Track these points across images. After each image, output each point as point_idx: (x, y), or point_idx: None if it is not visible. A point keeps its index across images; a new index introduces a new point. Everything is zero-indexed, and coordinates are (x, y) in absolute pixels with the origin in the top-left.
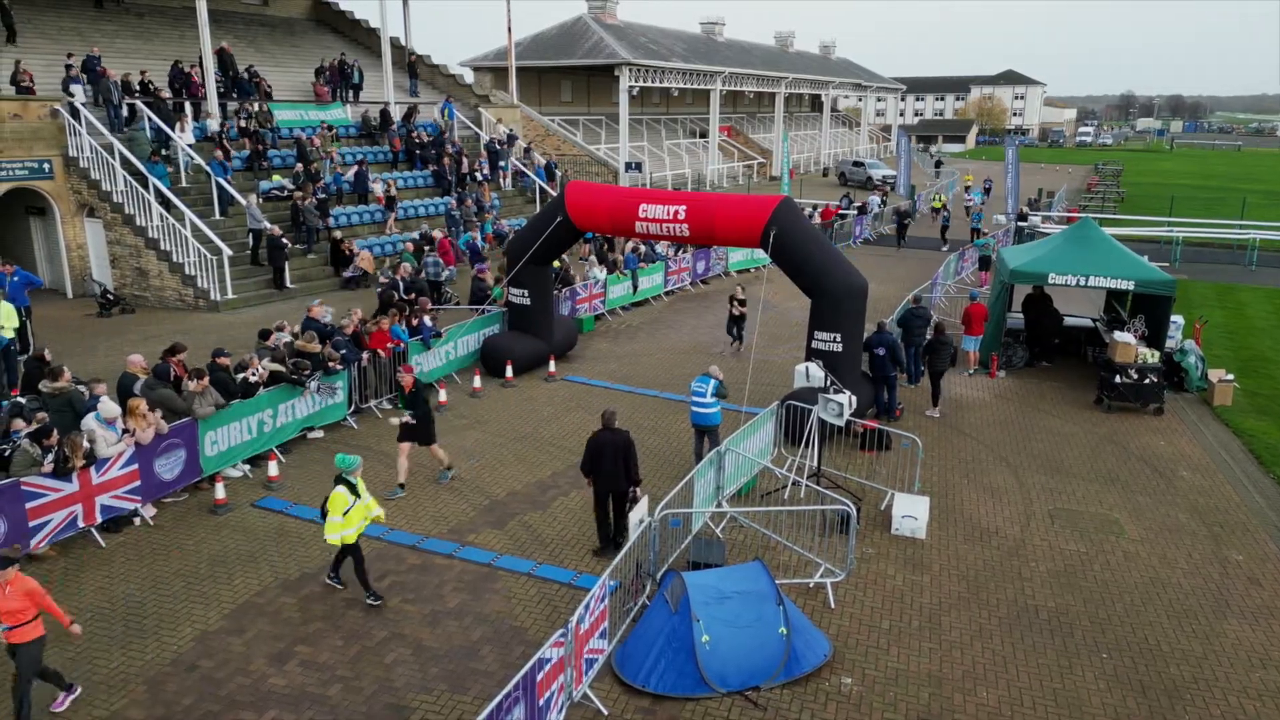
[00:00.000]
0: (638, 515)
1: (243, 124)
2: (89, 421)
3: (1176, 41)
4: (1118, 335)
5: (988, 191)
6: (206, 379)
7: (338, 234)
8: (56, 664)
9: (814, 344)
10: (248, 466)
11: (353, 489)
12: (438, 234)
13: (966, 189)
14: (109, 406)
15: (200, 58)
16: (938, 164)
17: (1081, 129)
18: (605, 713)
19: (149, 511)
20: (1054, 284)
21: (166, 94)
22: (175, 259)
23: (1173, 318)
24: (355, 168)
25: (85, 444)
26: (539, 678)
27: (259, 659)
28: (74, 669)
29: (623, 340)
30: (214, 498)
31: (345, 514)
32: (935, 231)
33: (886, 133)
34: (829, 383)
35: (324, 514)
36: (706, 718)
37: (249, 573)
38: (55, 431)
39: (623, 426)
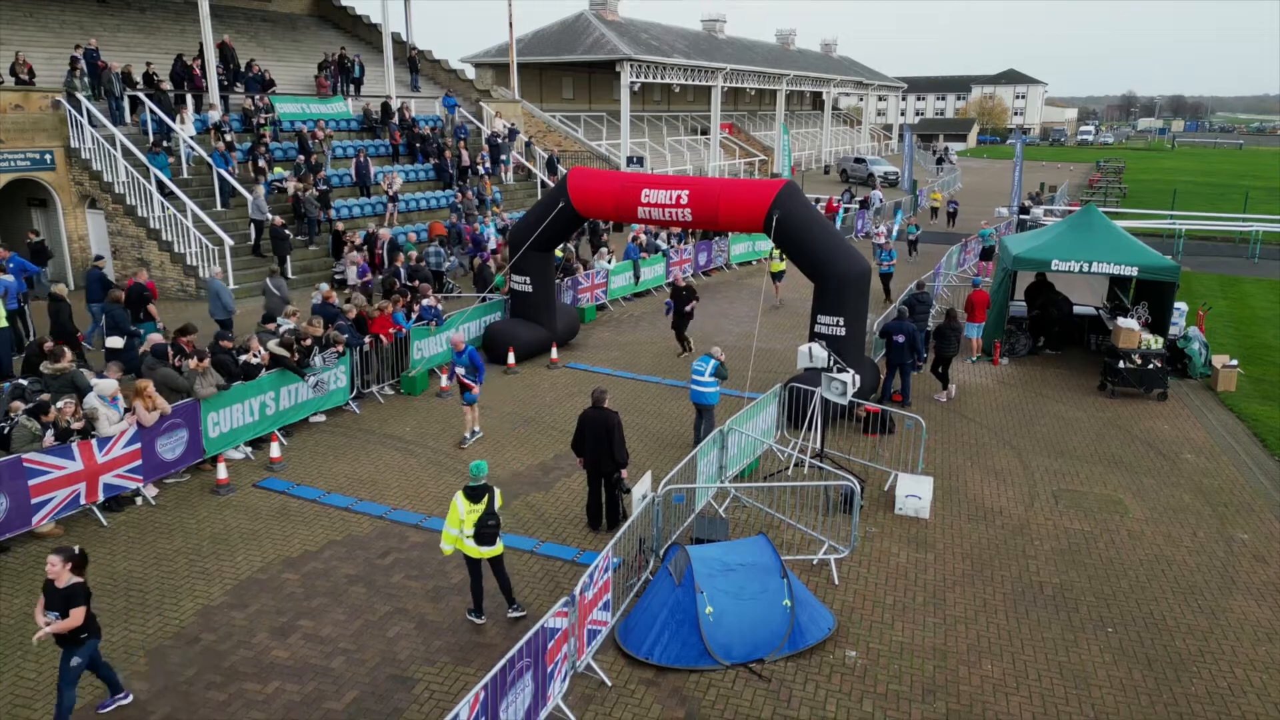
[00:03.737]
0: (641, 490)
1: (226, 135)
2: (91, 400)
3: (1178, 42)
4: (1121, 321)
5: (952, 216)
6: (208, 359)
7: (339, 225)
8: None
9: (817, 328)
10: (249, 449)
11: (474, 496)
12: (383, 231)
13: (934, 210)
14: (106, 383)
15: (201, 50)
16: (939, 160)
17: (1083, 128)
18: (609, 684)
19: (151, 491)
20: (1057, 270)
21: (168, 86)
22: (176, 249)
23: (1176, 305)
24: (355, 160)
25: (62, 406)
26: (549, 645)
27: (261, 632)
28: None
29: (625, 329)
30: (216, 478)
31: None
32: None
33: (888, 131)
34: (832, 362)
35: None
36: (710, 689)
37: (251, 550)
38: (54, 408)
39: (623, 410)
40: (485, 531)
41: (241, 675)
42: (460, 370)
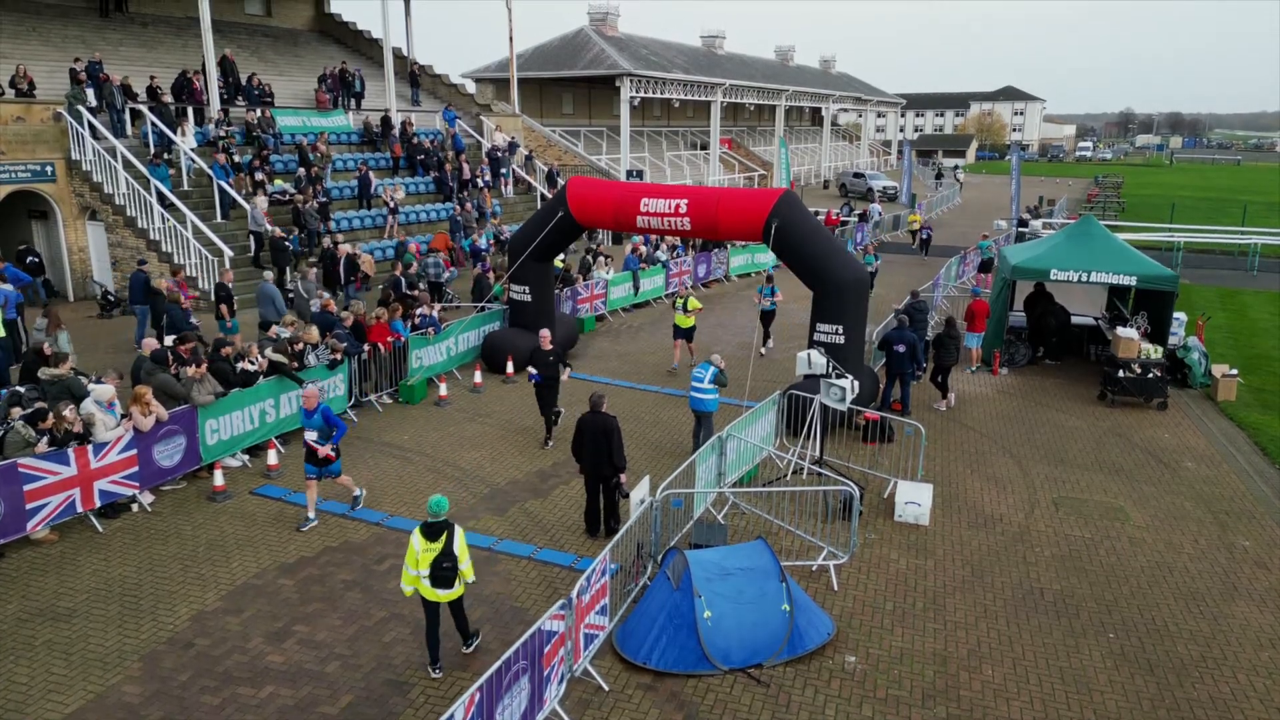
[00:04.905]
0: (639, 495)
1: (234, 155)
2: (88, 405)
3: (1175, 60)
4: (1120, 331)
5: (926, 243)
6: (205, 365)
7: (339, 237)
8: (51, 641)
9: (816, 336)
10: (246, 456)
11: (431, 533)
12: (342, 247)
13: (913, 235)
14: (104, 389)
15: (203, 64)
16: (938, 175)
17: (1081, 145)
18: (606, 689)
19: (147, 498)
20: (1056, 280)
21: (169, 98)
22: (176, 261)
23: (1175, 315)
24: (357, 172)
25: (67, 414)
26: (545, 649)
27: (256, 637)
28: (69, 645)
29: (624, 340)
30: (212, 485)
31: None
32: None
33: (887, 147)
34: (831, 368)
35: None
36: (709, 694)
37: (247, 556)
38: (51, 415)
39: (621, 418)
40: (440, 574)
41: (235, 680)
42: (311, 435)
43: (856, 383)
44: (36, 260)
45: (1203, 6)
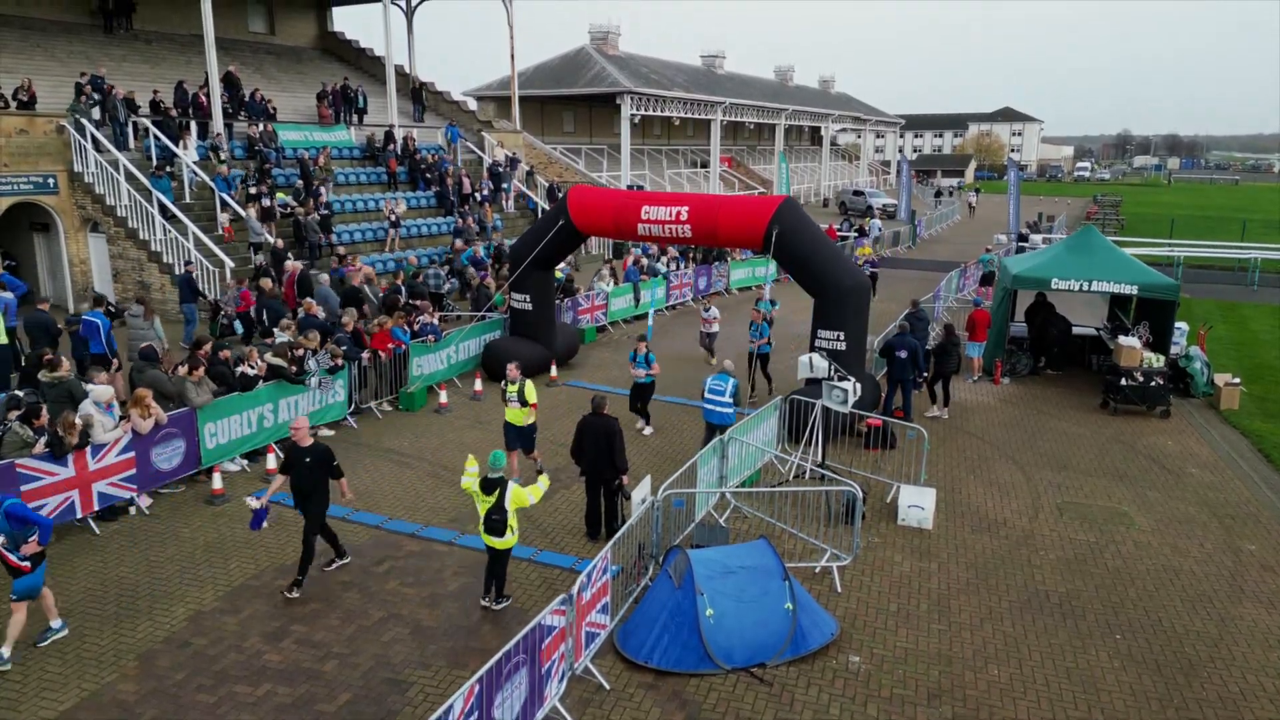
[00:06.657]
0: (640, 494)
1: (221, 158)
2: (86, 406)
3: (1173, 82)
4: (1122, 339)
5: (871, 282)
6: (202, 369)
7: (340, 249)
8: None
9: (817, 342)
10: (245, 461)
11: (487, 487)
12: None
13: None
14: (102, 390)
15: (206, 79)
16: (937, 194)
17: (1079, 165)
18: (607, 687)
19: (145, 501)
20: (1057, 289)
21: (174, 112)
22: (177, 271)
23: (1177, 324)
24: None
25: (78, 421)
26: (544, 644)
27: (254, 637)
28: (64, 644)
29: (624, 350)
30: (211, 488)
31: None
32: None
33: (886, 167)
34: (833, 371)
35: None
36: (711, 693)
37: (245, 558)
38: (45, 412)
39: (622, 426)
40: (490, 523)
41: (232, 678)
42: None
43: (858, 385)
44: (14, 264)
45: (1201, 14)
